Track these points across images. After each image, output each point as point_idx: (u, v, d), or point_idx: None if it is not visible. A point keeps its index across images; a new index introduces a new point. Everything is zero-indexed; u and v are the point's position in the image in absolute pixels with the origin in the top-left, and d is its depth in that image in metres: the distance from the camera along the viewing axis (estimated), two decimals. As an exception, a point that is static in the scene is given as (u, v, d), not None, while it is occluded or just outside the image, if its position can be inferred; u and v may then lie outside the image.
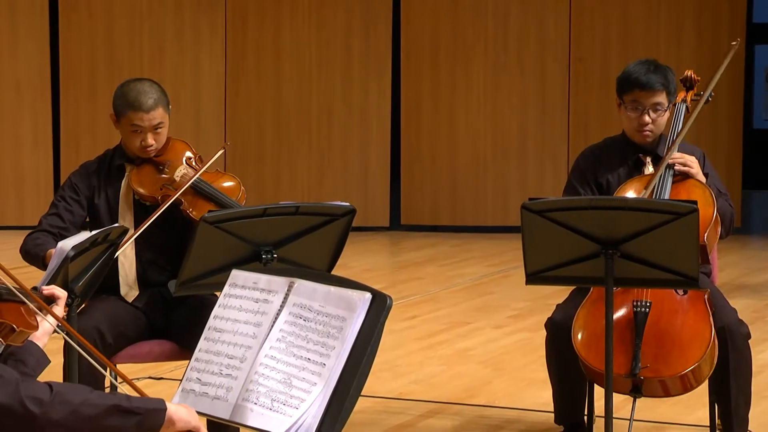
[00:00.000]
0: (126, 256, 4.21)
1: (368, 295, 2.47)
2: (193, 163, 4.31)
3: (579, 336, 4.02)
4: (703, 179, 4.20)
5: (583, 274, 3.83)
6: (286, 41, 10.87)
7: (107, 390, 3.69)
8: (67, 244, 3.43)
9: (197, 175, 4.21)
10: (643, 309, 3.99)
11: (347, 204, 3.87)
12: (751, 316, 6.70)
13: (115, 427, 2.26)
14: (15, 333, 2.56)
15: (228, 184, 4.32)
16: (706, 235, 4.03)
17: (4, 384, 2.14)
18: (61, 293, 2.78)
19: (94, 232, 3.60)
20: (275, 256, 3.73)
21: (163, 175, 4.27)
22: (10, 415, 2.14)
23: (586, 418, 4.37)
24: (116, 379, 2.54)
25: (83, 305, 3.93)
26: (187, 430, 2.39)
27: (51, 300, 2.77)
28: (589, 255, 3.76)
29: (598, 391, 4.10)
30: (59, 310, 2.75)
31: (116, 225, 3.89)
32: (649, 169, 4.29)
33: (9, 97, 10.81)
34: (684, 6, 10.51)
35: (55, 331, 2.71)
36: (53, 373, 3.09)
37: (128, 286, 4.24)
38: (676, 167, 4.18)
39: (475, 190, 10.80)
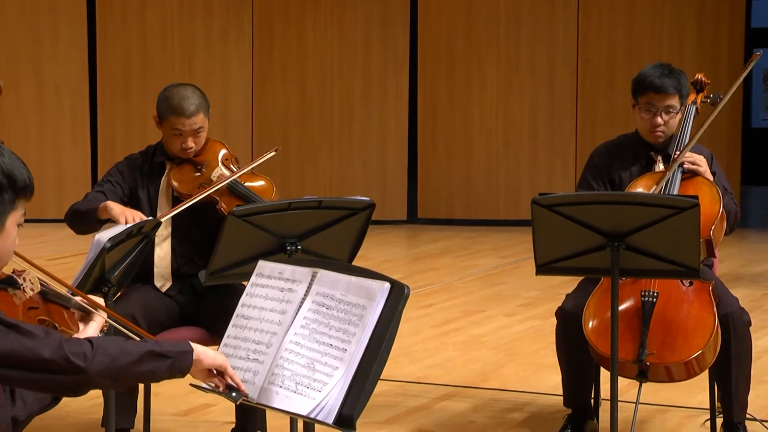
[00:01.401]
0: (162, 250, 4.22)
1: (387, 285, 2.45)
2: (230, 164, 4.32)
3: (590, 324, 4.00)
4: (711, 177, 4.18)
5: (590, 265, 3.81)
6: (310, 45, 10.86)
7: None
8: (104, 236, 3.44)
9: (234, 177, 4.21)
10: (650, 299, 3.98)
11: (367, 199, 3.86)
12: (750, 305, 6.66)
13: (150, 371, 2.33)
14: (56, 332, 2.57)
15: (262, 185, 4.33)
16: (712, 230, 4.01)
17: (49, 342, 2.22)
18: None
19: (128, 225, 3.60)
20: (299, 247, 3.72)
21: (201, 175, 4.27)
22: (58, 369, 2.22)
23: (593, 401, 4.36)
24: None
25: (119, 293, 3.93)
26: (213, 369, 2.43)
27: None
28: (595, 247, 3.74)
29: (605, 375, 4.08)
30: (100, 320, 2.68)
31: (149, 218, 3.89)
32: (660, 166, 4.26)
33: (50, 99, 10.85)
34: (686, 11, 10.46)
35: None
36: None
37: (163, 279, 4.24)
38: (685, 165, 4.15)
39: (487, 185, 10.78)
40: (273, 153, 4.41)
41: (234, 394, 2.45)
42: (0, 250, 2.35)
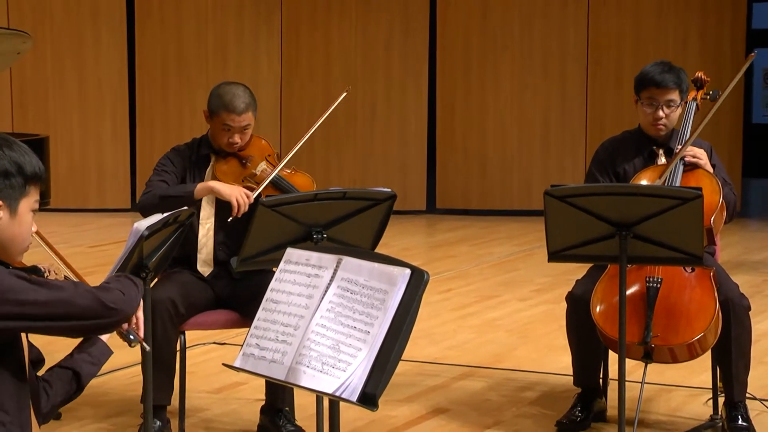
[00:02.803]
0: (207, 238, 4.23)
1: (408, 271, 2.45)
2: (272, 160, 4.32)
3: (597, 308, 3.99)
4: (711, 170, 4.15)
5: (599, 253, 3.79)
6: (335, 46, 10.86)
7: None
8: (142, 224, 3.44)
9: (280, 166, 4.21)
10: (655, 284, 3.96)
11: (389, 190, 3.85)
12: (750, 291, 6.62)
13: (138, 306, 2.46)
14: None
15: (303, 180, 4.34)
16: (712, 219, 3.99)
17: (80, 292, 2.31)
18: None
19: (165, 214, 3.61)
20: (325, 236, 3.72)
21: (245, 169, 4.28)
22: (94, 315, 2.31)
23: (601, 380, 4.35)
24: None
25: (157, 278, 3.94)
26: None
27: None
28: (604, 236, 3.73)
29: (612, 357, 4.07)
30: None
31: (185, 208, 3.89)
32: (662, 160, 4.25)
33: (92, 96, 10.88)
34: (690, 13, 10.40)
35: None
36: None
37: (206, 265, 4.26)
38: (686, 159, 4.13)
39: (502, 177, 10.75)
40: (345, 94, 4.41)
41: (132, 336, 2.50)
42: (16, 234, 2.36)
